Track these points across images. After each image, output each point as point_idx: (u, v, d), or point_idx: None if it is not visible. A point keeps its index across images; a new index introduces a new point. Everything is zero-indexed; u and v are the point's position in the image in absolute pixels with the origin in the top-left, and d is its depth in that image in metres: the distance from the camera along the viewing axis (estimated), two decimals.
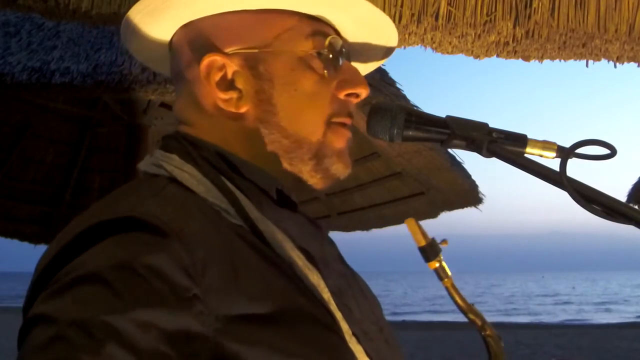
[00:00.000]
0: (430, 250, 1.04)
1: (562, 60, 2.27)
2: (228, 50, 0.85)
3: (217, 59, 0.85)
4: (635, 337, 16.37)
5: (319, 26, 0.88)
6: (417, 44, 2.15)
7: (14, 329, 0.83)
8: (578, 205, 0.80)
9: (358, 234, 5.74)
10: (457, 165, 4.67)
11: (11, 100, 4.55)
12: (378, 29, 0.96)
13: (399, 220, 5.28)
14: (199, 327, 0.66)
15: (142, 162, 0.86)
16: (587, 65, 2.26)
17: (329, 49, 0.87)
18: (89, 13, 1.91)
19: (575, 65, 2.35)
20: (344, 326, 0.77)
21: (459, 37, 2.09)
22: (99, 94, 4.18)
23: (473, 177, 4.82)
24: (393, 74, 4.35)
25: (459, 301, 1.07)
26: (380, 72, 4.21)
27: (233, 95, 0.85)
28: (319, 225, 0.91)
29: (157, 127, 4.60)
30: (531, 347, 14.40)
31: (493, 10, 1.97)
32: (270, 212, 0.80)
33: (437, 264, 1.03)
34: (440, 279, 1.05)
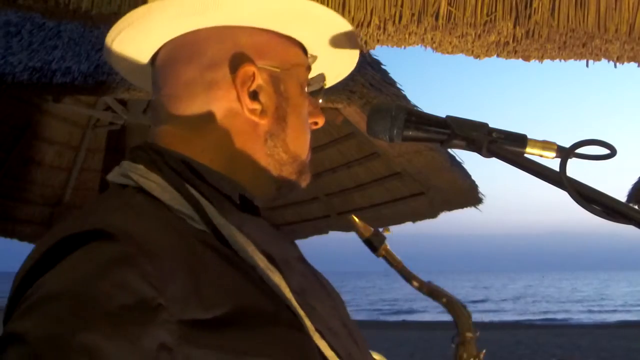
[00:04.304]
0: (375, 240, 1.07)
1: (562, 60, 2.27)
2: (258, 63, 0.91)
3: (251, 69, 0.90)
4: (635, 337, 16.36)
5: (308, 61, 0.98)
6: (417, 44, 2.15)
7: None
8: (578, 206, 0.80)
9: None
10: (457, 165, 4.67)
11: (11, 100, 4.55)
12: (345, 65, 1.08)
13: (398, 220, 5.27)
14: (165, 336, 0.68)
15: (111, 174, 0.89)
16: (587, 65, 2.26)
17: (310, 83, 0.97)
18: (89, 13, 1.91)
19: (575, 65, 2.35)
20: (307, 323, 0.81)
21: (459, 37, 2.09)
22: (100, 94, 4.18)
23: (473, 177, 4.82)
24: (393, 74, 4.35)
25: (414, 283, 1.11)
26: (381, 72, 4.21)
27: (258, 106, 0.90)
28: (280, 228, 0.96)
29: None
30: (531, 347, 14.41)
31: (493, 10, 1.97)
32: (233, 216, 0.83)
33: (384, 252, 1.06)
34: (391, 264, 1.09)
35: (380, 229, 1.08)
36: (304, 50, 0.99)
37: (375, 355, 1.06)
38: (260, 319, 0.77)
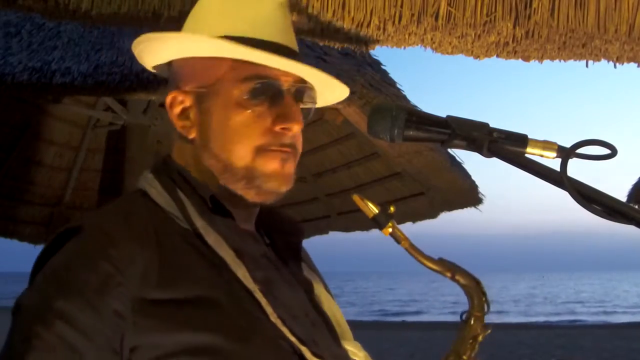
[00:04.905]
0: (381, 218, 1.07)
1: (562, 60, 2.27)
2: (186, 88, 1.06)
3: (177, 95, 1.07)
4: (635, 337, 16.36)
5: (256, 70, 1.03)
6: (417, 44, 2.15)
7: None
8: (579, 206, 0.80)
9: (358, 234, 5.75)
10: (457, 166, 4.67)
11: (11, 100, 4.55)
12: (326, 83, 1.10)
13: (398, 221, 5.25)
14: (120, 305, 0.89)
15: (138, 179, 1.09)
16: (587, 66, 2.26)
17: (254, 92, 1.02)
18: (89, 13, 1.91)
19: (575, 66, 2.35)
20: (269, 309, 0.95)
21: (459, 37, 2.09)
22: (99, 94, 4.18)
23: (473, 177, 4.82)
24: (393, 75, 4.35)
25: (423, 259, 1.09)
26: (381, 72, 4.21)
27: (187, 123, 1.06)
28: (249, 231, 1.09)
29: (157, 127, 4.60)
30: (531, 347, 14.41)
31: (493, 10, 1.97)
32: (208, 217, 1.00)
33: (391, 229, 1.07)
34: (398, 242, 1.08)
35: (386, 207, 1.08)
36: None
37: (349, 345, 1.07)
38: (221, 303, 0.93)
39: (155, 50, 1.09)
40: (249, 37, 1.03)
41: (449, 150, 4.24)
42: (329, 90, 1.13)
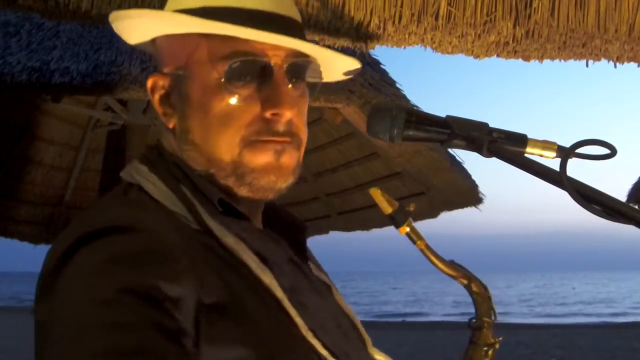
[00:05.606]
0: (398, 216, 1.03)
1: (562, 60, 2.27)
2: (165, 70, 0.92)
3: (157, 78, 0.92)
4: (635, 337, 16.35)
5: (236, 46, 0.86)
6: (417, 44, 2.15)
7: (13, 328, 0.87)
8: (579, 206, 0.80)
9: (358, 234, 5.76)
10: (457, 165, 4.67)
11: (11, 100, 4.55)
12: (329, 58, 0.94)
13: None
14: (187, 296, 0.75)
15: (123, 170, 0.93)
16: (587, 65, 2.26)
17: (233, 72, 0.85)
18: (88, 13, 1.91)
19: (575, 65, 2.35)
20: (299, 321, 0.84)
21: (459, 37, 2.09)
22: (98, 94, 4.18)
23: (473, 177, 4.82)
24: (393, 74, 4.35)
25: (436, 261, 1.07)
26: (380, 72, 4.21)
27: (168, 110, 0.92)
28: (268, 232, 0.96)
29: (157, 127, 4.60)
30: (531, 347, 14.39)
31: (493, 10, 1.97)
32: (220, 219, 0.86)
33: (408, 229, 1.03)
34: (413, 242, 1.05)
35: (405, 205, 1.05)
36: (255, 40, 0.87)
37: (377, 355, 1.05)
38: (248, 313, 0.80)
39: (128, 28, 0.92)
40: (224, 7, 0.86)
41: (449, 150, 4.24)
42: (335, 63, 0.96)
